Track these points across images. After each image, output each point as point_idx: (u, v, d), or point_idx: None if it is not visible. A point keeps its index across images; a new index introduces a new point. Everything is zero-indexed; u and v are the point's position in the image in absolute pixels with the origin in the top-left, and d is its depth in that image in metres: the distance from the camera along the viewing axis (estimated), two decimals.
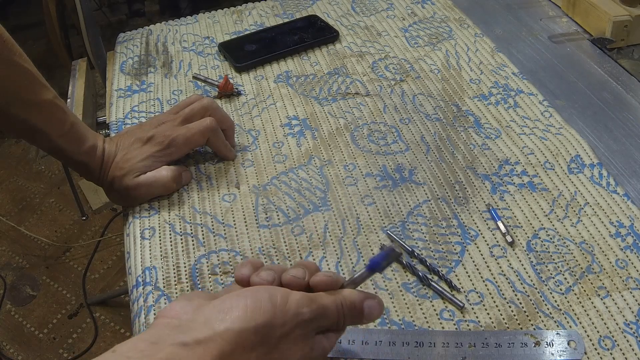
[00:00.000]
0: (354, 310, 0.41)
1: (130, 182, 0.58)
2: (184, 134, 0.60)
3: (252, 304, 0.37)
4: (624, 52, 0.80)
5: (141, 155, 0.59)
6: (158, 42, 0.87)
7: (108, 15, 2.38)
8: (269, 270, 0.41)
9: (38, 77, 0.56)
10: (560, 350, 0.45)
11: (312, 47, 0.83)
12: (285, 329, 0.37)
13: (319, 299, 0.40)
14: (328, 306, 0.40)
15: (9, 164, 1.96)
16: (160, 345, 0.34)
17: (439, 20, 0.87)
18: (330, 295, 0.41)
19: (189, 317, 0.37)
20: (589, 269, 0.52)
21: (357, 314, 0.42)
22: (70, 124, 0.58)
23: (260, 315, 0.37)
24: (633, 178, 0.61)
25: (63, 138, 0.57)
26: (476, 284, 0.51)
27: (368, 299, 0.42)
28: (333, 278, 0.42)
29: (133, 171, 0.58)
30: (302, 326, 0.38)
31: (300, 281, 0.41)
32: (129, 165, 0.58)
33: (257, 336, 0.36)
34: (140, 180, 0.59)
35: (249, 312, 0.36)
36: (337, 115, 0.71)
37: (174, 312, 0.37)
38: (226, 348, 0.35)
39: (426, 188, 0.61)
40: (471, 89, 0.74)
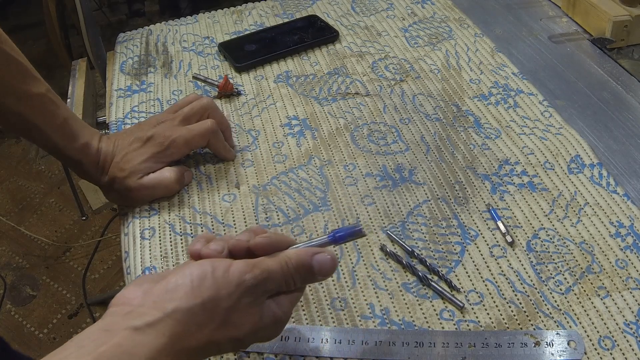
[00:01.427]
0: (302, 268, 0.41)
1: (134, 183, 0.58)
2: (184, 136, 0.60)
3: (196, 280, 0.37)
4: (624, 52, 0.80)
5: (141, 157, 0.58)
6: (158, 42, 0.87)
7: (108, 15, 2.38)
8: (218, 241, 0.42)
9: (30, 70, 0.55)
10: (560, 350, 0.45)
11: (312, 47, 0.83)
12: (231, 300, 0.38)
13: (261, 263, 0.40)
14: (271, 268, 0.40)
15: (9, 164, 1.96)
16: (113, 332, 0.35)
17: (439, 20, 0.87)
18: (273, 257, 0.41)
19: (139, 301, 0.37)
20: (589, 269, 0.52)
21: (307, 271, 0.41)
22: (63, 118, 0.57)
23: (205, 290, 0.37)
24: (633, 178, 0.61)
25: (56, 133, 0.56)
26: (476, 284, 0.51)
27: (316, 254, 0.41)
28: (272, 239, 0.41)
29: (135, 173, 0.58)
30: (248, 294, 0.39)
31: (243, 244, 0.41)
32: (130, 167, 0.58)
33: (205, 312, 0.37)
34: (143, 182, 0.58)
35: (195, 289, 0.37)
36: (337, 115, 0.71)
37: (124, 299, 0.38)
38: (177, 328, 0.36)
39: (426, 188, 0.61)
40: (471, 89, 0.74)
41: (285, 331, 0.48)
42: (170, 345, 0.35)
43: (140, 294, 0.37)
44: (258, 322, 0.40)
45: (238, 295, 0.38)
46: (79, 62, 0.94)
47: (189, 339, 0.36)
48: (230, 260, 0.40)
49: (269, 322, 0.40)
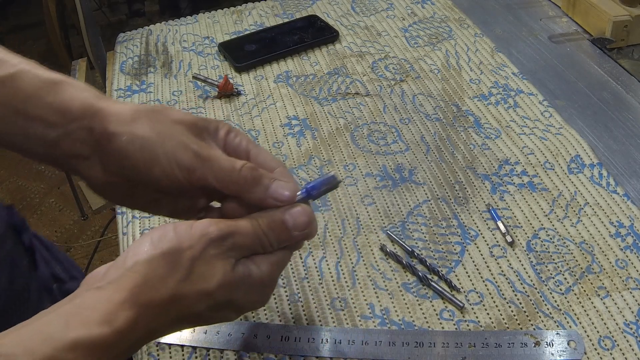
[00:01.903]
0: (275, 224, 0.39)
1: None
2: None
3: (156, 237, 0.36)
4: (624, 52, 0.80)
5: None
6: (158, 42, 0.87)
7: (108, 15, 2.38)
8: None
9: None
10: (560, 350, 0.45)
11: (312, 47, 0.83)
12: (194, 250, 0.36)
13: (228, 220, 0.38)
14: (240, 224, 0.38)
15: (9, 164, 1.96)
16: (76, 294, 0.35)
17: (439, 20, 0.87)
18: (244, 218, 0.39)
19: (104, 271, 0.36)
20: (589, 269, 0.52)
21: (280, 228, 0.39)
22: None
23: (165, 242, 0.36)
24: (633, 178, 0.61)
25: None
26: (476, 284, 0.51)
27: (289, 210, 0.39)
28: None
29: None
30: (214, 245, 0.37)
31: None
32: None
33: (166, 261, 0.35)
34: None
35: (154, 243, 0.36)
36: (337, 115, 0.71)
37: (93, 274, 0.37)
38: (138, 279, 0.35)
39: (426, 188, 0.61)
40: (471, 89, 0.74)
41: (285, 331, 0.48)
42: (130, 298, 0.34)
43: (106, 267, 0.37)
44: (229, 276, 0.37)
45: (202, 245, 0.36)
46: (79, 62, 0.94)
47: (151, 291, 0.35)
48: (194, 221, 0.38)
49: (244, 280, 0.38)
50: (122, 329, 0.33)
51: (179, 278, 0.35)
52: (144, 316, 0.34)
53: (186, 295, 0.36)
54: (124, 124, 0.38)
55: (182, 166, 0.38)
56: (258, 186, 0.39)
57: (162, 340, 0.48)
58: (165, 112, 0.40)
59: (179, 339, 0.48)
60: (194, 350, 0.48)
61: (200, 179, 0.39)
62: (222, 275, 0.37)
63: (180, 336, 0.48)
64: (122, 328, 0.33)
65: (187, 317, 0.37)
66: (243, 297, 0.39)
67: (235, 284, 0.38)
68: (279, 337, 0.48)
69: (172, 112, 0.40)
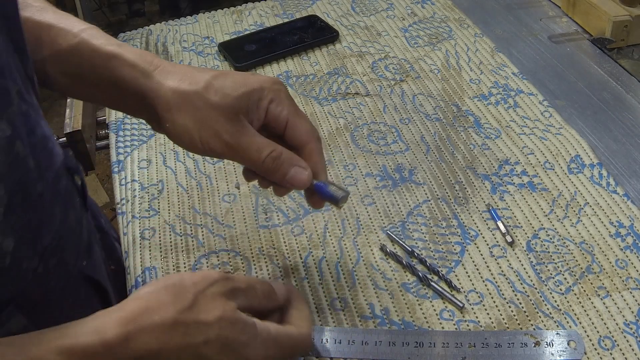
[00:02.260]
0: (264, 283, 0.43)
1: None
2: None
3: (161, 278, 0.39)
4: (624, 52, 0.80)
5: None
6: (158, 42, 0.87)
7: (108, 15, 2.38)
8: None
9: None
10: (560, 350, 0.45)
11: (312, 47, 0.83)
12: (198, 286, 0.38)
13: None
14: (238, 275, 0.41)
15: None
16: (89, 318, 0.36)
17: (439, 20, 0.87)
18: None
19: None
20: (588, 269, 0.52)
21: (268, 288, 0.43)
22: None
23: (170, 279, 0.39)
24: (633, 178, 0.61)
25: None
26: (476, 284, 0.51)
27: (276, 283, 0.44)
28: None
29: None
30: (217, 285, 0.39)
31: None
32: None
33: (169, 292, 0.37)
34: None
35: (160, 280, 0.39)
36: (337, 115, 0.71)
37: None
38: (140, 304, 0.36)
39: (426, 188, 0.61)
40: (471, 89, 0.74)
41: None
42: (127, 317, 0.35)
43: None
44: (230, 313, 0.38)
45: (206, 283, 0.38)
46: None
47: (151, 314, 0.36)
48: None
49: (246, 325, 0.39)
50: (111, 342, 0.34)
51: (181, 307, 0.37)
52: (138, 336, 0.35)
53: (186, 323, 0.37)
54: (166, 109, 0.42)
55: (215, 153, 0.43)
56: (278, 173, 0.44)
57: None
58: (207, 93, 0.42)
59: None
60: None
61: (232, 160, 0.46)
62: (222, 311, 0.38)
63: None
64: (111, 341, 0.34)
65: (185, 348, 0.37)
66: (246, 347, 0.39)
67: (236, 322, 0.38)
68: None
69: (212, 94, 0.42)
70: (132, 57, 0.44)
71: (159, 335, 0.36)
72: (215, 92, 0.43)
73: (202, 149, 0.43)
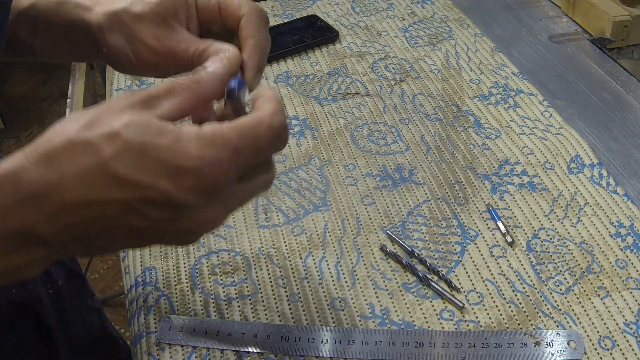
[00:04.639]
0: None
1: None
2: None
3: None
4: (624, 52, 0.80)
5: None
6: None
7: None
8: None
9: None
10: (560, 350, 0.45)
11: (312, 47, 0.83)
12: (103, 105, 0.32)
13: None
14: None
15: None
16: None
17: (439, 20, 0.87)
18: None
19: None
20: (588, 269, 0.52)
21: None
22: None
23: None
24: (633, 178, 0.61)
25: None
26: (476, 284, 0.51)
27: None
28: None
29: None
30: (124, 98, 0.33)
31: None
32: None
33: (72, 118, 0.32)
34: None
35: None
36: (337, 115, 0.71)
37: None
38: (45, 136, 0.31)
39: (426, 188, 0.61)
40: (471, 89, 0.74)
41: (285, 331, 0.48)
42: (35, 147, 0.31)
43: None
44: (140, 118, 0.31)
45: (113, 101, 0.33)
46: None
47: (51, 140, 0.31)
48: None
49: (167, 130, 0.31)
50: (6, 170, 0.30)
51: (81, 125, 0.30)
52: (34, 166, 0.30)
53: (87, 139, 0.30)
54: (102, 34, 0.42)
55: (149, 64, 0.42)
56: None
57: (162, 340, 0.48)
58: (132, 8, 0.41)
59: (179, 339, 0.48)
60: (193, 350, 0.48)
61: (167, 69, 0.42)
62: (130, 118, 0.30)
63: (181, 336, 0.48)
64: (7, 169, 0.30)
65: (91, 171, 0.30)
66: (168, 151, 0.30)
67: (150, 126, 0.30)
68: (279, 337, 0.48)
69: (137, 6, 0.41)
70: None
71: (56, 161, 0.30)
72: (140, 2, 0.41)
73: (137, 65, 0.41)
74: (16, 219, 0.30)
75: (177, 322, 0.49)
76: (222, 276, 0.53)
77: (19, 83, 2.33)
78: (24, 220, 0.30)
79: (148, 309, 0.51)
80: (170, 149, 0.30)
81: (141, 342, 0.49)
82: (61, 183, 0.30)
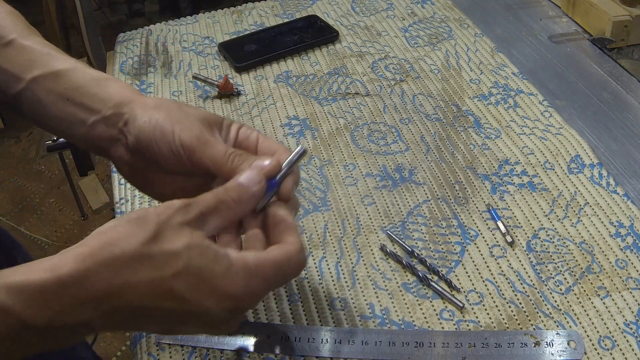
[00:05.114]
0: (231, 185, 0.40)
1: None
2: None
3: (125, 215, 0.37)
4: (624, 52, 0.80)
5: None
6: (158, 42, 0.87)
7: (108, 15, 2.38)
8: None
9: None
10: (560, 350, 0.45)
11: (312, 47, 0.83)
12: (161, 216, 0.36)
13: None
14: (201, 195, 0.39)
15: (9, 164, 1.96)
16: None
17: (439, 20, 0.87)
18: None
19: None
20: (588, 269, 0.52)
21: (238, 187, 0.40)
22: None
23: (132, 214, 0.37)
24: (633, 178, 0.61)
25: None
26: (476, 284, 0.51)
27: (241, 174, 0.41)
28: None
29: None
30: (180, 213, 0.36)
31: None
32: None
33: (131, 224, 0.35)
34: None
35: (123, 216, 0.37)
36: (337, 115, 0.71)
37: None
38: (102, 239, 0.34)
39: (426, 188, 0.61)
40: (471, 89, 0.74)
41: (285, 331, 0.48)
42: (86, 252, 0.33)
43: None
44: (198, 240, 0.35)
45: (168, 213, 0.36)
46: None
47: (112, 248, 0.33)
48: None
49: (218, 256, 0.36)
50: (66, 278, 0.32)
51: (144, 238, 0.34)
52: (97, 272, 0.32)
53: (150, 254, 0.34)
54: (147, 109, 0.43)
55: (185, 146, 0.42)
56: (243, 165, 0.42)
57: (162, 341, 0.48)
58: (186, 106, 0.45)
59: (179, 339, 0.48)
60: (193, 350, 0.48)
61: (199, 160, 0.42)
62: (190, 239, 0.35)
63: (180, 336, 0.48)
64: (67, 278, 0.32)
65: (152, 283, 0.34)
66: (221, 278, 0.35)
67: (206, 251, 0.35)
68: (279, 337, 0.48)
69: (191, 107, 0.45)
70: (124, 83, 0.47)
71: (121, 269, 0.33)
72: (196, 108, 0.45)
73: (174, 143, 0.42)
74: (77, 316, 0.33)
75: None
76: None
77: None
78: (83, 317, 0.33)
79: None
80: (222, 276, 0.35)
81: (141, 342, 0.49)
82: (123, 290, 0.33)
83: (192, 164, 0.42)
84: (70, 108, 0.45)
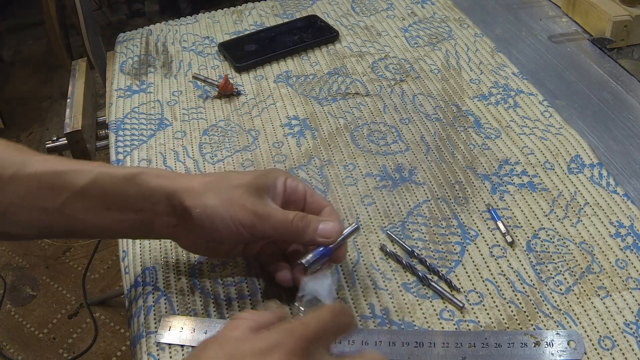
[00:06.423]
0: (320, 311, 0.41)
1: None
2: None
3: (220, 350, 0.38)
4: (624, 52, 0.80)
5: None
6: (158, 42, 0.87)
7: (108, 15, 2.38)
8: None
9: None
10: (560, 350, 0.45)
11: (312, 47, 0.83)
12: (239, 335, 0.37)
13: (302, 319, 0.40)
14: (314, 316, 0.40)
15: None
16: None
17: (439, 20, 0.87)
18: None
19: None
20: (588, 269, 0.52)
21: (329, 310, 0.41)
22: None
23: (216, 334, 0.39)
24: (633, 178, 0.61)
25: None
26: (476, 284, 0.51)
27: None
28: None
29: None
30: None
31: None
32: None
33: (214, 346, 0.37)
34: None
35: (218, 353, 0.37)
36: (337, 115, 0.71)
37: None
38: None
39: (426, 188, 0.61)
40: (471, 89, 0.74)
41: None
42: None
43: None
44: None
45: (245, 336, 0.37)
46: (78, 62, 0.94)
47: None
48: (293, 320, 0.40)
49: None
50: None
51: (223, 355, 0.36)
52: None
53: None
54: (195, 198, 0.45)
55: (245, 225, 0.45)
56: (308, 230, 0.46)
57: (162, 340, 0.48)
58: (228, 179, 0.47)
59: (179, 339, 0.48)
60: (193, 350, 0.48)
61: (261, 232, 0.46)
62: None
63: (180, 336, 0.48)
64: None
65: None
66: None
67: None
68: None
69: (233, 177, 0.48)
70: (156, 170, 0.48)
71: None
72: (235, 177, 0.48)
73: (233, 225, 0.45)
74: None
75: (177, 322, 0.49)
76: (222, 276, 0.53)
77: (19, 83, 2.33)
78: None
79: (148, 309, 0.51)
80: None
81: (141, 342, 0.49)
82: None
83: (254, 235, 0.46)
84: (116, 214, 0.46)
